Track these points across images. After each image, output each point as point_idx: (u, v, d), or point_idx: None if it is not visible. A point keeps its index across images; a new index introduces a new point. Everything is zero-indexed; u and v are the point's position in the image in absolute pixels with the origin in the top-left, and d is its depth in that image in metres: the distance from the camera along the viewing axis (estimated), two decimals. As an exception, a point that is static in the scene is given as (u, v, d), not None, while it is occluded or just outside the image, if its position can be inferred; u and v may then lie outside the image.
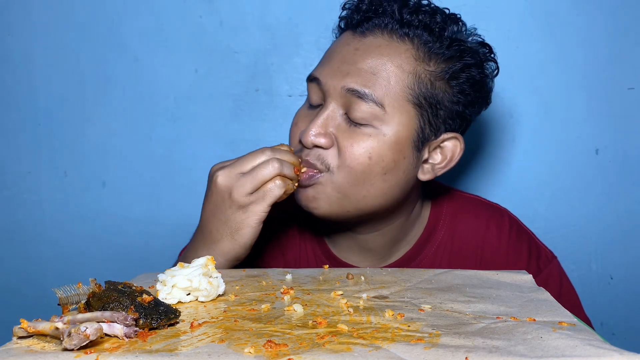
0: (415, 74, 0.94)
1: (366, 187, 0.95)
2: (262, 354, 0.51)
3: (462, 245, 1.09)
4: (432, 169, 1.01)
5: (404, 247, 1.09)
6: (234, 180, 0.89)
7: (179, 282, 0.69)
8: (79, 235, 1.48)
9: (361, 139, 0.93)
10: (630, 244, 1.39)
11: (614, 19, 1.34)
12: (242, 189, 0.89)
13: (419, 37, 0.95)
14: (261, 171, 0.89)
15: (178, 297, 0.69)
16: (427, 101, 0.95)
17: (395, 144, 0.94)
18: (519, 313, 0.64)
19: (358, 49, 0.96)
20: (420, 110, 0.95)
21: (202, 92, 1.43)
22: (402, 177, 0.97)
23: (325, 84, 0.96)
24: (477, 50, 0.99)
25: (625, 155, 1.38)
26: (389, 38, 0.96)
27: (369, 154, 0.93)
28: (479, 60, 0.98)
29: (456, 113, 0.98)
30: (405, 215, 1.06)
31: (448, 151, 1.00)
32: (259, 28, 1.41)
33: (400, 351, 0.52)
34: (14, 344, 0.55)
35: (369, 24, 0.97)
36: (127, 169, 1.45)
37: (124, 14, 1.42)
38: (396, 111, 0.93)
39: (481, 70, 0.99)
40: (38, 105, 1.45)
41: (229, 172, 0.90)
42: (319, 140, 0.94)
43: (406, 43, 0.95)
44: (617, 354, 0.50)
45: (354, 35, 0.98)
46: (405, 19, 0.95)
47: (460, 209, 1.11)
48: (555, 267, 1.09)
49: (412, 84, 0.94)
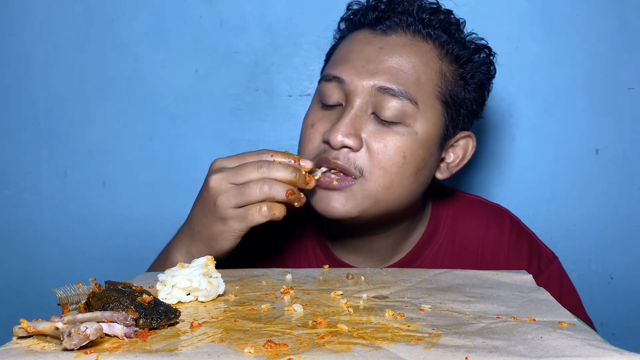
0: (441, 72, 0.96)
1: (399, 189, 0.94)
2: (262, 354, 0.51)
3: (463, 246, 1.09)
4: (447, 167, 1.03)
5: (407, 248, 1.09)
6: (224, 188, 0.85)
7: (178, 282, 0.68)
8: (79, 235, 1.48)
9: (394, 138, 0.92)
10: (630, 244, 1.39)
11: (614, 19, 1.34)
12: (227, 201, 0.85)
13: (439, 38, 0.97)
14: (249, 191, 0.84)
15: (178, 297, 0.69)
16: (452, 99, 0.97)
17: (426, 142, 0.95)
18: (519, 313, 0.64)
19: (383, 48, 0.95)
20: (446, 108, 0.97)
21: (202, 92, 1.43)
22: (428, 177, 0.99)
23: (351, 83, 0.94)
24: (484, 50, 1.02)
25: (625, 155, 1.38)
26: (412, 37, 0.97)
27: (403, 153, 0.92)
28: (488, 61, 1.02)
29: (472, 112, 1.01)
30: (412, 216, 1.06)
31: (460, 150, 1.03)
32: (259, 28, 1.41)
33: (400, 351, 0.52)
34: (14, 344, 0.55)
35: (390, 22, 0.97)
36: (127, 169, 1.45)
37: (124, 14, 1.42)
38: (427, 108, 0.94)
39: (489, 70, 1.02)
40: (38, 105, 1.45)
41: (222, 178, 0.86)
42: (348, 141, 0.91)
43: (429, 43, 0.97)
44: (617, 354, 0.50)
45: (374, 33, 0.98)
46: (426, 19, 0.97)
47: (461, 210, 1.11)
48: (556, 268, 1.09)
49: (440, 82, 0.96)
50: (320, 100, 0.99)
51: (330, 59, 1.03)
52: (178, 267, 0.71)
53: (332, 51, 1.07)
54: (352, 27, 1.04)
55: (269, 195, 0.83)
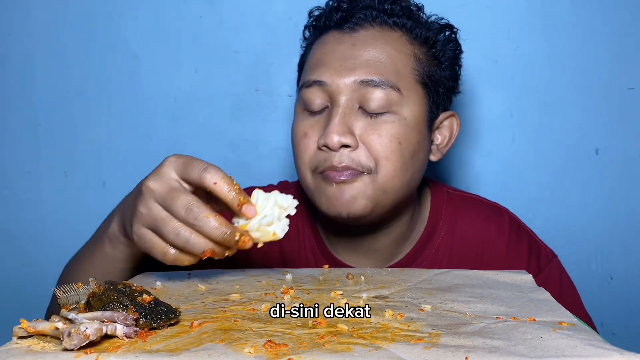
0: (415, 56, 0.99)
1: (402, 175, 0.96)
2: (262, 354, 0.51)
3: (462, 245, 1.09)
4: (438, 149, 1.06)
5: (407, 248, 1.09)
6: (149, 204, 0.73)
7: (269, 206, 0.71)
8: (79, 235, 1.48)
9: (385, 127, 0.94)
10: (630, 244, 1.39)
11: (614, 19, 1.34)
12: (142, 217, 0.73)
13: (405, 25, 1.00)
14: (166, 227, 0.71)
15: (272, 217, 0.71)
16: (430, 80, 1.00)
17: (416, 125, 0.97)
18: (519, 313, 0.64)
19: (355, 44, 0.98)
20: (426, 89, 0.99)
21: (202, 92, 1.43)
22: (424, 160, 1.02)
23: (332, 83, 0.95)
24: (447, 29, 1.05)
25: (625, 155, 1.38)
26: (380, 29, 1.00)
27: (398, 139, 0.95)
28: (452, 38, 1.05)
29: (449, 89, 1.05)
30: (411, 211, 1.07)
31: (447, 130, 1.06)
32: (259, 28, 1.41)
33: (400, 351, 0.52)
34: (14, 344, 0.55)
35: (356, 19, 0.99)
36: (127, 169, 1.45)
37: (124, 14, 1.41)
38: (410, 93, 0.97)
39: (456, 46, 1.05)
40: (38, 105, 1.45)
41: (152, 191, 0.73)
42: (345, 139, 0.92)
43: (397, 31, 1.00)
44: (617, 354, 0.50)
45: (343, 33, 1.00)
46: (388, 9, 1.00)
47: (459, 209, 1.11)
48: (556, 266, 1.09)
49: (416, 65, 0.98)
50: (305, 109, 1.00)
51: (305, 67, 1.03)
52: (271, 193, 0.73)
53: (303, 60, 1.07)
54: (318, 33, 1.05)
55: (183, 246, 0.71)
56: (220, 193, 0.71)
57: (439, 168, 1.41)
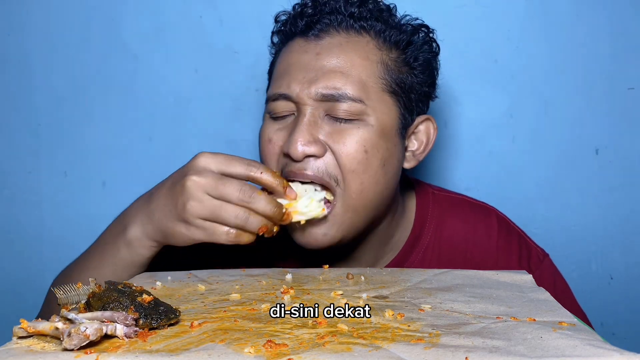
0: (383, 63, 0.95)
1: (371, 187, 0.92)
2: (262, 354, 0.51)
3: (450, 248, 1.06)
4: (414, 155, 1.02)
5: (390, 253, 1.06)
6: (199, 196, 0.82)
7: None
8: (79, 235, 1.48)
9: (351, 134, 0.91)
10: (630, 244, 1.39)
11: (614, 19, 1.34)
12: (198, 210, 0.82)
13: (374, 28, 0.96)
14: (224, 213, 0.82)
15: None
16: (400, 87, 0.96)
17: (383, 133, 0.93)
18: (519, 313, 0.64)
19: (319, 53, 0.94)
20: (396, 97, 0.95)
21: (202, 92, 1.43)
22: (397, 168, 0.98)
23: (297, 95, 0.92)
24: (422, 30, 1.01)
25: (625, 155, 1.38)
26: (346, 35, 0.95)
27: (364, 147, 0.91)
28: (427, 40, 1.00)
29: (424, 94, 1.00)
30: (390, 216, 1.03)
31: (423, 135, 1.02)
32: (259, 28, 1.41)
33: (400, 351, 0.52)
34: (14, 344, 0.55)
35: (321, 25, 0.95)
36: (127, 169, 1.45)
37: (124, 14, 1.41)
38: (376, 103, 0.93)
39: (431, 48, 1.01)
40: (38, 105, 1.45)
41: (201, 185, 0.82)
42: (309, 149, 0.90)
43: (365, 35, 0.96)
44: (617, 354, 0.50)
45: (308, 40, 0.96)
46: (356, 12, 0.95)
47: (446, 211, 1.09)
48: (547, 267, 1.07)
49: (383, 73, 0.94)
50: (271, 116, 0.98)
51: (272, 77, 1.01)
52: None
53: (272, 67, 1.04)
54: (285, 39, 1.02)
55: (242, 225, 0.82)
56: (267, 181, 0.85)
57: (438, 168, 1.41)
